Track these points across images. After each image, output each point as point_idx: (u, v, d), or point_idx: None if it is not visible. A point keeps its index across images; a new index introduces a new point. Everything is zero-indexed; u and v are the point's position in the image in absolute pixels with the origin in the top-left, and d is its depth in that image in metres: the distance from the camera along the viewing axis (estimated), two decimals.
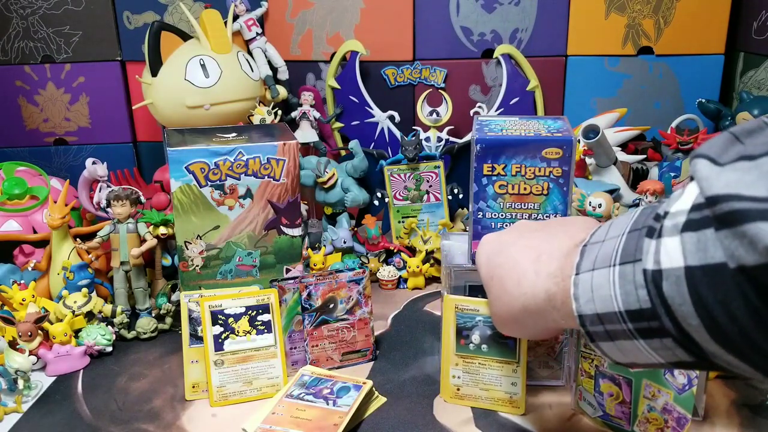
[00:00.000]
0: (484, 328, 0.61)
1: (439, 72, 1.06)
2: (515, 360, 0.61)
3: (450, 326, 0.62)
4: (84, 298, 0.76)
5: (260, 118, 0.96)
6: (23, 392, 0.66)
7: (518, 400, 0.62)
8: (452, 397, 0.64)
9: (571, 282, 0.41)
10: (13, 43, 1.05)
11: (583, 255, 0.41)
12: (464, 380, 0.63)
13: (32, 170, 0.94)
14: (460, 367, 0.63)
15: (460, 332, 0.62)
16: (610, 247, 0.38)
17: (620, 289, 0.36)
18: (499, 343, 0.61)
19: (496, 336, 0.61)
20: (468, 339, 0.62)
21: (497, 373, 0.62)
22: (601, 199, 0.82)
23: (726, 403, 0.64)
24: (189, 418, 0.64)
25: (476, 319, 0.61)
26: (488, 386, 0.63)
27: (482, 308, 0.61)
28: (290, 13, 1.06)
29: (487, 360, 0.62)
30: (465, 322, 0.62)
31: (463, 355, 0.62)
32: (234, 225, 0.74)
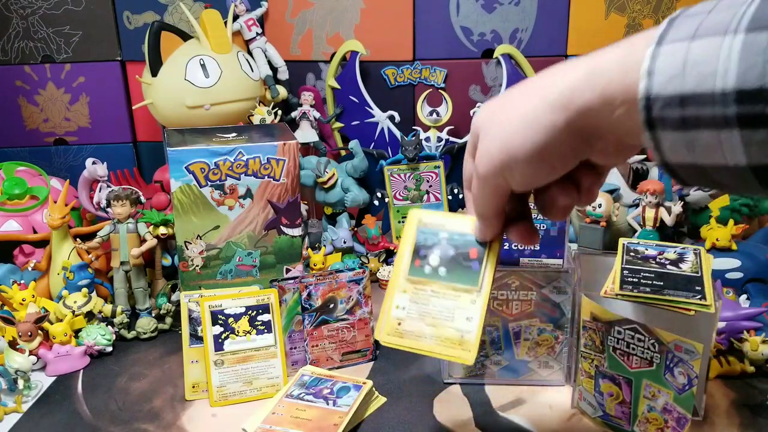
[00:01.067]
0: (446, 247, 0.48)
1: (439, 72, 1.06)
2: (476, 287, 0.47)
3: (407, 244, 0.49)
4: (84, 298, 0.76)
5: (260, 118, 0.96)
6: (23, 392, 0.66)
7: (469, 341, 0.46)
8: (389, 333, 0.48)
9: (648, 53, 0.32)
10: (13, 43, 1.04)
11: (672, 25, 0.32)
12: (409, 311, 0.48)
13: (32, 170, 0.94)
14: (408, 294, 0.48)
15: (417, 252, 0.49)
16: (728, 14, 0.30)
17: (739, 63, 0.29)
18: (460, 266, 0.48)
19: (460, 257, 0.48)
20: (425, 260, 0.48)
21: (451, 304, 0.47)
22: (600, 199, 0.82)
23: (726, 403, 0.64)
24: (189, 418, 0.64)
25: (439, 236, 0.48)
26: (436, 321, 0.47)
27: (449, 223, 0.49)
28: (290, 13, 1.06)
29: (441, 287, 0.48)
30: (426, 238, 0.49)
31: (415, 280, 0.48)
32: (234, 225, 0.74)
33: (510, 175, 0.39)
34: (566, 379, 0.67)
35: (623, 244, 0.63)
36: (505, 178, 0.39)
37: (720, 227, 0.77)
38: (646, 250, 0.62)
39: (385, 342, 0.48)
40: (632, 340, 0.57)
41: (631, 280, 0.59)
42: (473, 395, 0.66)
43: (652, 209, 0.80)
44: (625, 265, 0.60)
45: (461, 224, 0.48)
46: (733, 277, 0.75)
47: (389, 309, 0.48)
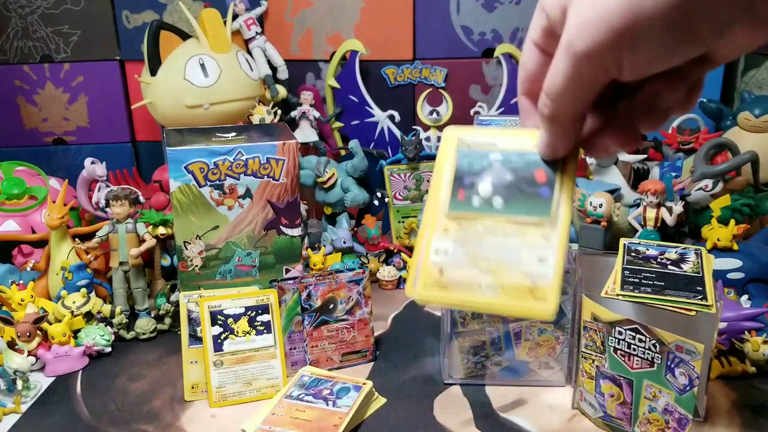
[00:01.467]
0: (502, 171, 0.35)
1: (439, 71, 1.05)
2: (548, 217, 0.33)
3: (445, 171, 0.36)
4: (83, 298, 0.76)
5: (260, 117, 0.96)
6: (22, 393, 0.66)
7: (546, 287, 0.32)
8: (427, 285, 0.34)
9: None
10: (12, 42, 1.04)
11: None
12: (455, 256, 0.34)
13: (31, 170, 0.94)
14: (451, 234, 0.34)
15: (461, 180, 0.35)
16: None
17: None
18: (523, 193, 0.34)
19: (522, 182, 0.34)
20: (472, 189, 0.35)
21: (514, 242, 0.34)
22: (601, 199, 0.82)
23: (727, 404, 0.63)
24: (188, 419, 0.63)
25: (490, 158, 0.35)
26: (495, 265, 0.33)
27: (501, 141, 0.36)
28: (290, 12, 1.06)
29: (499, 222, 0.34)
30: (471, 163, 0.35)
31: (460, 216, 0.35)
32: (233, 225, 0.74)
33: (630, 50, 0.25)
34: (567, 379, 0.67)
35: (624, 245, 0.63)
36: (620, 55, 0.26)
37: (721, 227, 0.77)
38: (647, 250, 0.62)
39: (423, 297, 0.34)
40: (633, 341, 0.56)
41: (632, 280, 0.58)
42: (473, 396, 0.66)
43: (653, 209, 0.80)
44: (626, 265, 0.60)
45: (519, 140, 0.35)
46: (735, 278, 0.75)
47: (425, 256, 0.34)
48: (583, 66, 0.27)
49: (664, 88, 0.29)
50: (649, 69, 0.27)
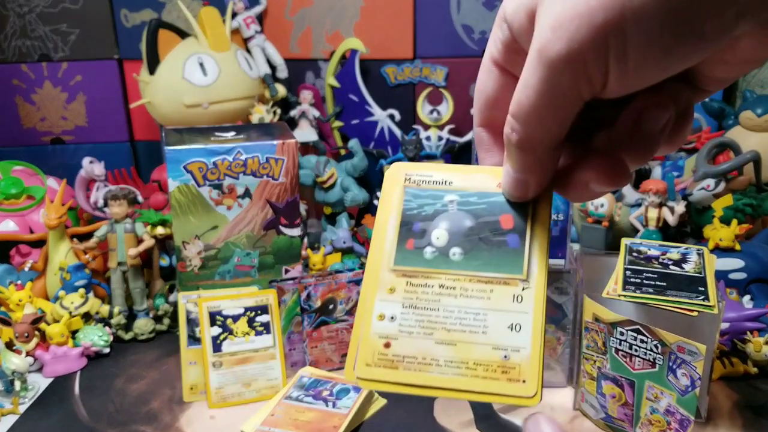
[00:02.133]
0: (458, 216, 0.28)
1: (439, 70, 1.05)
2: (520, 274, 0.27)
3: (389, 215, 0.29)
4: (81, 298, 0.75)
5: (259, 116, 0.95)
6: (20, 394, 0.66)
7: (523, 365, 0.26)
8: (370, 364, 0.27)
9: None
10: (10, 41, 1.04)
11: None
12: (404, 324, 0.27)
13: (29, 169, 0.93)
14: (399, 295, 0.28)
15: (408, 226, 0.29)
16: None
17: None
18: (488, 243, 0.28)
19: (484, 228, 0.28)
20: (423, 237, 0.28)
21: (479, 304, 0.27)
22: (603, 199, 0.81)
23: (729, 405, 0.63)
24: (187, 420, 0.63)
25: (444, 201, 0.29)
26: (455, 335, 0.27)
27: (457, 179, 0.29)
28: (289, 10, 1.06)
29: (458, 279, 0.27)
30: (421, 206, 0.29)
31: (409, 271, 0.28)
32: (232, 225, 0.73)
33: (618, 53, 0.20)
34: (568, 380, 0.67)
35: (626, 245, 0.63)
36: (605, 60, 0.21)
37: (723, 227, 0.77)
38: (648, 250, 0.62)
39: (366, 378, 0.27)
40: (635, 342, 0.56)
41: (633, 280, 0.58)
42: None
43: (655, 209, 0.80)
44: (628, 265, 0.60)
45: (479, 179, 0.29)
46: (737, 278, 0.75)
47: (366, 323, 0.28)
48: (561, 74, 0.21)
49: (651, 105, 0.23)
50: (638, 79, 0.22)
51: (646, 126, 0.23)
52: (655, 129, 0.24)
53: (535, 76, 0.22)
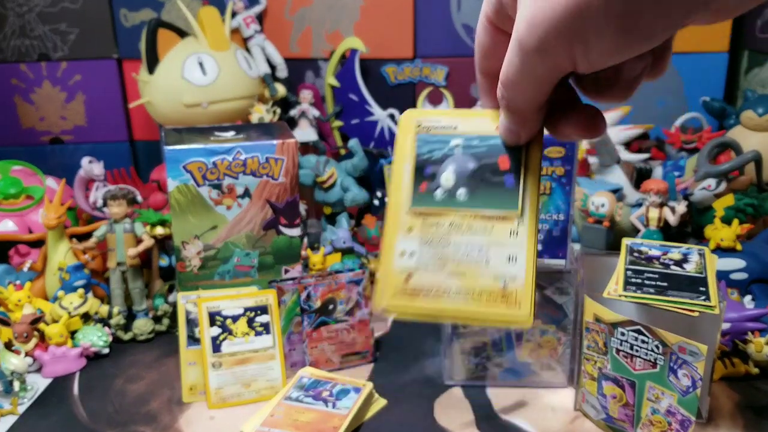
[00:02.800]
0: (463, 159, 0.32)
1: (440, 70, 1.05)
2: (515, 210, 0.31)
3: (404, 161, 0.33)
4: (80, 299, 0.75)
5: (259, 116, 0.95)
6: (19, 394, 0.66)
7: (517, 291, 0.30)
8: (395, 294, 0.31)
9: None
10: (9, 41, 1.04)
11: None
12: (420, 257, 0.31)
13: (28, 169, 0.93)
14: (417, 233, 0.32)
15: (421, 170, 0.33)
16: None
17: None
18: (488, 183, 0.32)
19: (485, 171, 0.32)
20: (434, 181, 0.33)
21: (482, 239, 0.31)
22: (604, 199, 0.81)
23: (730, 406, 0.63)
24: (186, 421, 0.63)
25: (450, 144, 0.33)
26: (463, 267, 0.31)
27: (462, 124, 0.33)
28: (289, 10, 1.05)
29: (464, 217, 0.32)
30: (431, 150, 0.33)
31: (423, 211, 0.32)
32: (232, 225, 0.73)
33: (581, 47, 0.24)
34: (569, 381, 0.67)
35: (627, 245, 0.62)
36: (572, 52, 0.24)
37: (724, 227, 0.76)
38: (649, 250, 0.62)
39: (391, 308, 0.31)
40: (636, 342, 0.56)
41: (634, 280, 0.58)
42: (474, 397, 0.65)
43: (656, 209, 0.80)
44: (629, 265, 0.60)
45: (481, 122, 0.33)
46: (738, 278, 0.75)
47: (390, 259, 0.32)
48: (536, 62, 0.25)
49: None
50: (603, 63, 0.25)
51: (626, 74, 0.27)
52: (634, 75, 0.27)
53: (516, 59, 0.26)
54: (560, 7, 0.23)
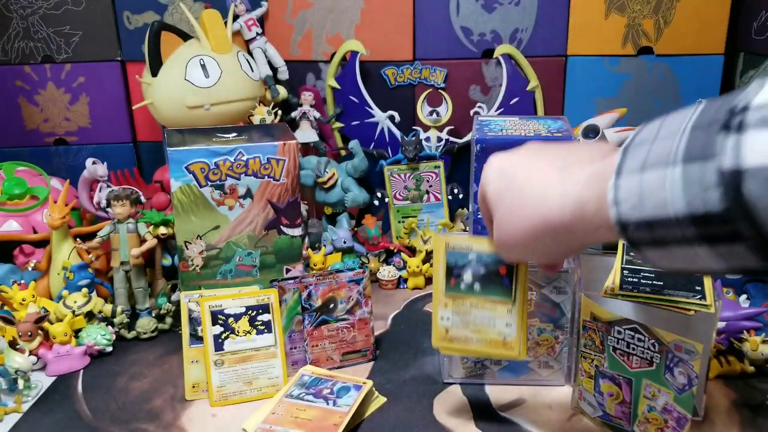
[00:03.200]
0: (477, 266, 0.55)
1: (439, 72, 1.06)
2: (510, 299, 0.54)
3: (440, 265, 0.56)
4: (84, 298, 0.76)
5: (260, 118, 0.96)
6: (23, 392, 0.66)
7: (512, 342, 0.55)
8: (441, 340, 0.57)
9: (610, 185, 0.36)
10: (13, 43, 1.04)
11: (626, 155, 0.36)
12: (453, 321, 0.56)
13: (32, 170, 0.94)
14: (450, 308, 0.56)
15: (451, 271, 0.56)
16: (667, 145, 0.34)
17: (683, 191, 0.32)
18: (492, 282, 0.55)
19: (491, 275, 0.55)
20: (459, 278, 0.55)
21: (489, 314, 0.55)
22: None
23: (726, 403, 0.64)
24: (189, 418, 0.64)
25: (468, 257, 0.55)
26: (479, 328, 0.55)
27: (475, 245, 0.55)
28: (290, 13, 1.06)
29: (479, 300, 0.55)
30: (456, 260, 0.56)
31: (454, 296, 0.56)
32: (234, 225, 0.74)
33: (532, 258, 0.51)
34: (566, 379, 0.67)
35: (623, 244, 0.63)
36: (526, 258, 0.51)
37: None
38: None
39: (439, 347, 0.58)
40: (632, 340, 0.57)
41: (631, 280, 0.59)
42: (473, 395, 0.66)
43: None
44: (625, 264, 0.60)
45: (487, 245, 0.54)
46: (733, 277, 0.75)
47: (436, 321, 0.57)
48: (507, 256, 0.49)
49: None
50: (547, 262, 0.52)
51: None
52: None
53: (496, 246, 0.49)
54: (513, 241, 0.45)
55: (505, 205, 0.45)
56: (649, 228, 0.35)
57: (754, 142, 0.29)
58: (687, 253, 0.34)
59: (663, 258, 0.36)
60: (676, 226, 0.33)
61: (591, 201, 0.38)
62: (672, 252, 0.35)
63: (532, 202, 0.43)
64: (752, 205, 0.29)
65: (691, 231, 0.33)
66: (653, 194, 0.34)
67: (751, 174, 0.29)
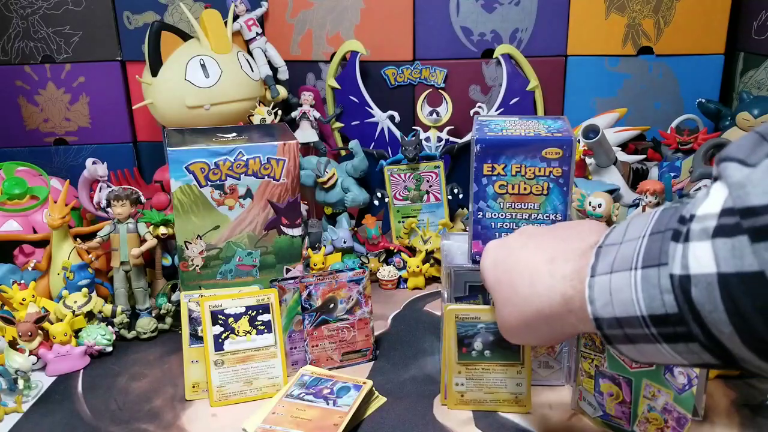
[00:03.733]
0: (486, 335, 0.61)
1: (439, 72, 1.06)
2: (519, 362, 0.62)
3: (451, 337, 0.62)
4: (84, 298, 0.76)
5: (260, 118, 0.96)
6: (23, 392, 0.66)
7: (524, 399, 0.63)
8: (457, 404, 0.63)
9: (586, 284, 0.40)
10: (13, 43, 1.05)
11: (599, 257, 0.40)
12: (468, 386, 0.63)
13: (32, 170, 0.94)
14: (464, 374, 0.62)
15: (462, 341, 0.62)
16: (630, 249, 0.37)
17: (643, 294, 0.35)
18: (502, 347, 0.61)
19: (500, 340, 0.59)
20: (470, 347, 0.62)
21: (501, 376, 0.62)
22: (601, 199, 0.82)
23: (726, 403, 0.64)
24: (189, 418, 0.64)
25: (478, 327, 0.61)
26: (493, 389, 0.63)
27: (483, 315, 0.61)
28: (290, 13, 1.06)
29: (490, 365, 0.62)
30: (466, 330, 0.61)
31: (466, 363, 0.62)
32: (234, 225, 0.74)
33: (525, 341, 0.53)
34: (566, 379, 0.67)
35: None
36: (523, 341, 0.52)
37: None
38: None
39: (455, 409, 0.63)
40: None
41: None
42: None
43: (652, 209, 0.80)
44: None
45: (492, 315, 0.60)
46: None
47: (450, 385, 0.63)
48: (512, 340, 0.52)
49: None
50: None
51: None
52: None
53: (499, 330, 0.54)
54: (513, 327, 0.49)
55: (502, 295, 0.49)
56: (620, 326, 0.38)
57: (696, 252, 0.32)
58: (655, 349, 0.37)
59: (635, 353, 0.39)
60: (641, 326, 0.36)
61: (575, 297, 0.41)
62: (642, 348, 0.38)
63: (524, 293, 0.46)
64: (699, 309, 0.32)
65: (653, 330, 0.36)
66: (621, 295, 0.37)
67: (695, 281, 0.32)
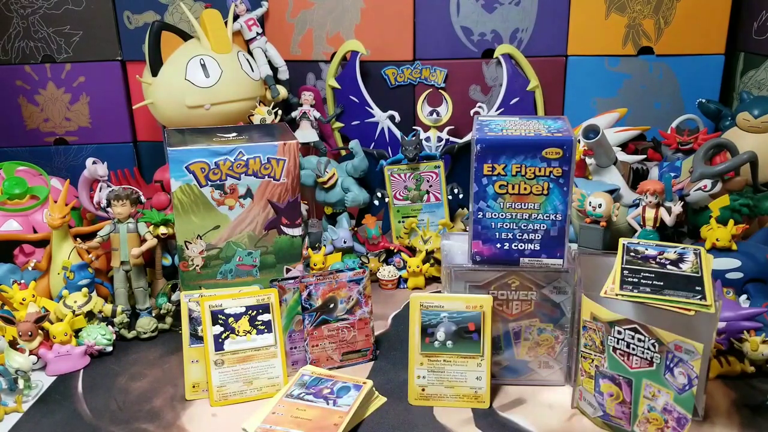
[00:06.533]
0: (449, 324, 0.62)
1: (439, 72, 1.06)
2: (479, 354, 0.63)
3: (415, 325, 0.63)
4: (84, 297, 0.76)
5: (260, 117, 0.96)
6: (23, 392, 0.66)
7: (483, 395, 0.64)
8: (417, 398, 0.64)
9: None
10: (14, 42, 1.05)
11: None
12: (429, 380, 0.64)
13: (32, 170, 0.94)
14: (425, 366, 0.63)
15: (425, 330, 0.63)
16: None
17: None
18: (463, 338, 0.63)
19: (461, 331, 0.62)
20: (433, 336, 0.63)
21: (462, 368, 0.63)
22: (601, 199, 0.82)
23: (726, 404, 0.64)
24: (189, 418, 0.64)
25: (441, 316, 0.63)
26: (453, 383, 0.63)
27: (446, 304, 0.62)
28: (290, 13, 1.06)
29: (452, 356, 0.63)
30: (430, 319, 0.63)
31: (428, 354, 0.63)
32: (234, 225, 0.74)
33: None
34: (566, 379, 0.67)
35: (623, 244, 0.63)
36: None
37: (720, 227, 0.77)
38: (646, 250, 0.62)
39: (416, 404, 0.64)
40: (632, 340, 0.57)
41: (631, 280, 0.59)
42: None
43: (652, 209, 0.80)
44: (625, 265, 0.61)
45: (456, 304, 0.62)
46: (734, 277, 0.75)
47: (412, 378, 0.64)
48: None
49: None
50: None
51: None
52: None
53: None
54: None
55: None
56: None
57: None
58: None
59: None
60: None
61: None
62: None
63: None
64: None
65: None
66: None
67: None
